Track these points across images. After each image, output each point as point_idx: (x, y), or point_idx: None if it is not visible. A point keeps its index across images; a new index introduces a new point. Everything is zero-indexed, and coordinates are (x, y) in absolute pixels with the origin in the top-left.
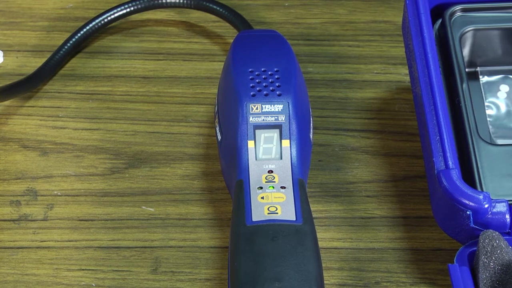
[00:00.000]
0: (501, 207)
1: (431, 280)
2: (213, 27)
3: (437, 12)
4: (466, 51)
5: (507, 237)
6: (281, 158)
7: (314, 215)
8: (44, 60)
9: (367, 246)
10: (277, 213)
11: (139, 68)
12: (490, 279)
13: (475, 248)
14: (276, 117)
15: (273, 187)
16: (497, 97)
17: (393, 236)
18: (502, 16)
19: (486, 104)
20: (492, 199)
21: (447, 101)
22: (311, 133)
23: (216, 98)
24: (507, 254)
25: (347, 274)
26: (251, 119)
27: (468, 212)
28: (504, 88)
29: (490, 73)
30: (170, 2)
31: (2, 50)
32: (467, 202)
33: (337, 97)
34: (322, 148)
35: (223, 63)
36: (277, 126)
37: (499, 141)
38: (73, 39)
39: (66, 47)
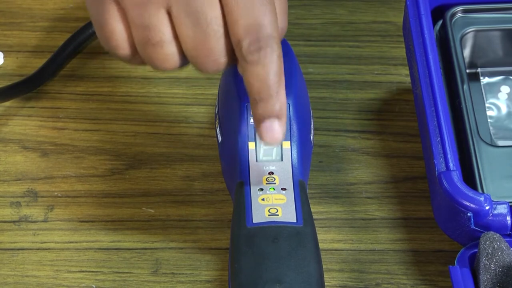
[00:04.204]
0: (502, 209)
1: (432, 282)
2: None
3: (438, 13)
4: (466, 52)
5: (508, 239)
6: (281, 160)
7: (314, 216)
8: (44, 60)
9: (367, 248)
10: (277, 214)
11: (139, 69)
12: (491, 281)
13: (476, 250)
14: None
15: (274, 189)
16: (498, 98)
17: (394, 237)
18: (503, 17)
19: (486, 105)
20: (493, 201)
21: (448, 102)
22: (312, 134)
23: (217, 99)
24: (508, 256)
25: (347, 276)
26: (251, 120)
27: (468, 214)
28: (505, 89)
29: (491, 74)
30: None
31: (2, 51)
32: (468, 203)
33: (338, 98)
34: (322, 149)
35: None
36: None
37: (500, 143)
38: (74, 40)
39: (67, 48)
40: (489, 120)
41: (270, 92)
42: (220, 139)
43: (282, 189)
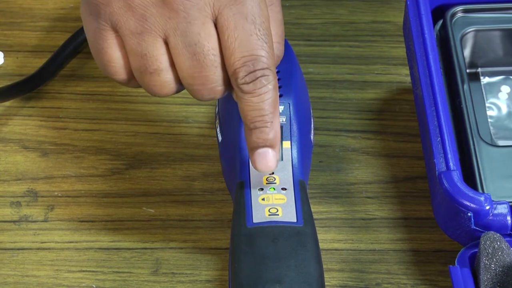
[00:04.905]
0: (502, 209)
1: (432, 282)
2: None
3: (438, 13)
4: (467, 52)
5: (508, 238)
6: (281, 159)
7: (314, 216)
8: (44, 60)
9: (367, 248)
10: (277, 214)
11: None
12: (491, 281)
13: (476, 250)
14: None
15: (274, 189)
16: (498, 98)
17: (394, 237)
18: (503, 17)
19: (487, 105)
20: (493, 201)
21: (448, 102)
22: (312, 134)
23: (217, 99)
24: (508, 256)
25: (347, 276)
26: None
27: (469, 214)
28: (505, 89)
29: (491, 74)
30: None
31: (2, 51)
32: (468, 203)
33: (338, 97)
34: (322, 149)
35: None
36: None
37: (500, 142)
38: (74, 40)
39: (67, 48)
40: (489, 120)
41: (264, 121)
42: (220, 139)
43: (282, 189)
